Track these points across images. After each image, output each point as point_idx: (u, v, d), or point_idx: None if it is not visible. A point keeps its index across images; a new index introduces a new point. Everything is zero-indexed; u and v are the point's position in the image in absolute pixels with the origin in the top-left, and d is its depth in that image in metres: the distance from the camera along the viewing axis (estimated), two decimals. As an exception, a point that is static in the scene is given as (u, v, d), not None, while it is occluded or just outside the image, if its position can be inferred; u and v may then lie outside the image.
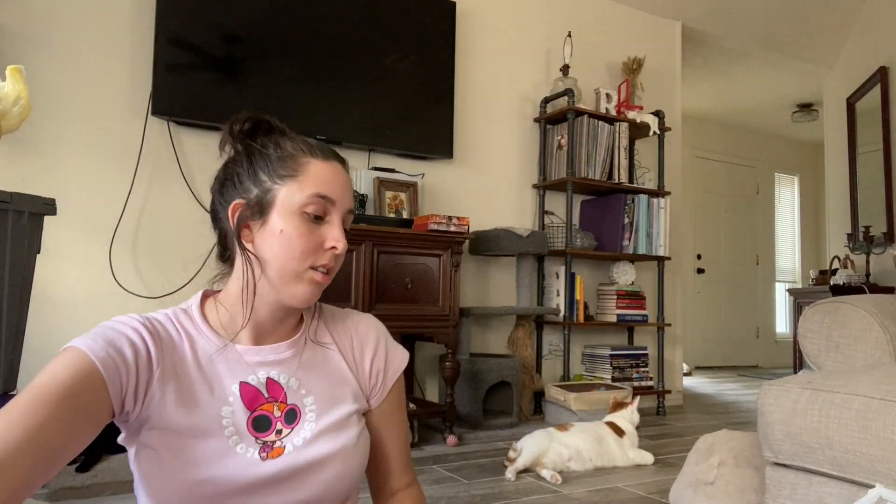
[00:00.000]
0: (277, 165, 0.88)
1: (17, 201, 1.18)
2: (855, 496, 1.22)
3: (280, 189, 0.86)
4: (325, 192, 0.87)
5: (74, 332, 2.53)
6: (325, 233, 0.88)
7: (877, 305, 1.57)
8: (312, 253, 0.87)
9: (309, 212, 0.86)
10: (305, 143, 0.90)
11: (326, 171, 0.89)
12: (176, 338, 0.87)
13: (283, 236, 0.85)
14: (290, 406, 0.89)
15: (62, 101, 2.57)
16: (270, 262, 0.87)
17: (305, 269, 0.87)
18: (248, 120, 0.91)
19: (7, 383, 1.22)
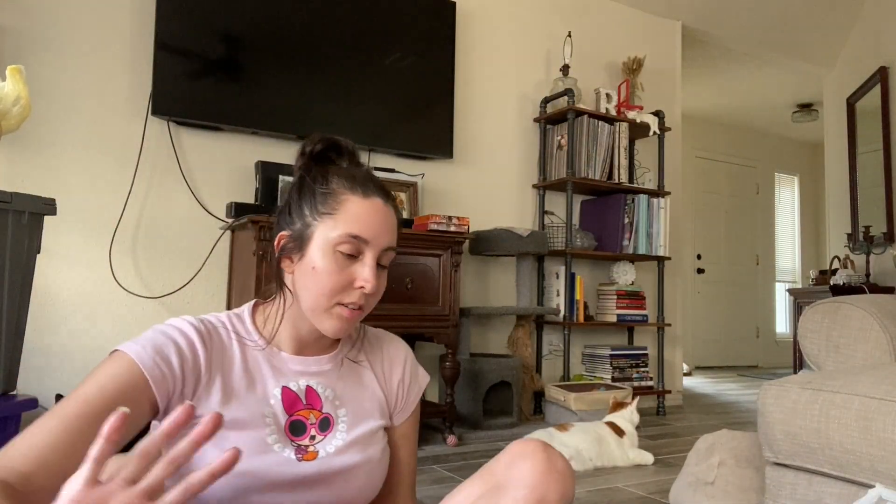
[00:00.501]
0: (319, 201, 0.90)
1: (17, 201, 1.18)
2: (855, 496, 1.22)
3: (319, 225, 0.89)
4: (358, 232, 0.89)
5: (74, 332, 2.53)
6: (356, 271, 0.90)
7: (877, 305, 1.57)
8: (341, 290, 0.89)
9: (342, 250, 0.88)
10: (351, 178, 0.92)
11: (364, 209, 0.90)
12: (226, 339, 0.92)
13: (315, 273, 0.88)
14: (325, 415, 0.94)
15: (62, 101, 2.57)
16: (303, 294, 0.90)
17: (333, 305, 0.89)
18: (320, 141, 0.95)
19: (7, 383, 1.22)
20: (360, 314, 0.91)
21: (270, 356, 0.94)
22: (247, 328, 0.94)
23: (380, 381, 1.02)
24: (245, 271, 2.53)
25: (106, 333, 2.59)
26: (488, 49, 3.58)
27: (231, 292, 2.75)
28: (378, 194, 0.92)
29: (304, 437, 0.91)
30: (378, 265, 0.91)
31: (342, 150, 0.97)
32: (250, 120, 2.80)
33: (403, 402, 1.04)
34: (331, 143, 0.96)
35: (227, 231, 2.78)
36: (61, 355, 2.51)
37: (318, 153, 0.96)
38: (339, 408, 0.96)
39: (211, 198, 2.80)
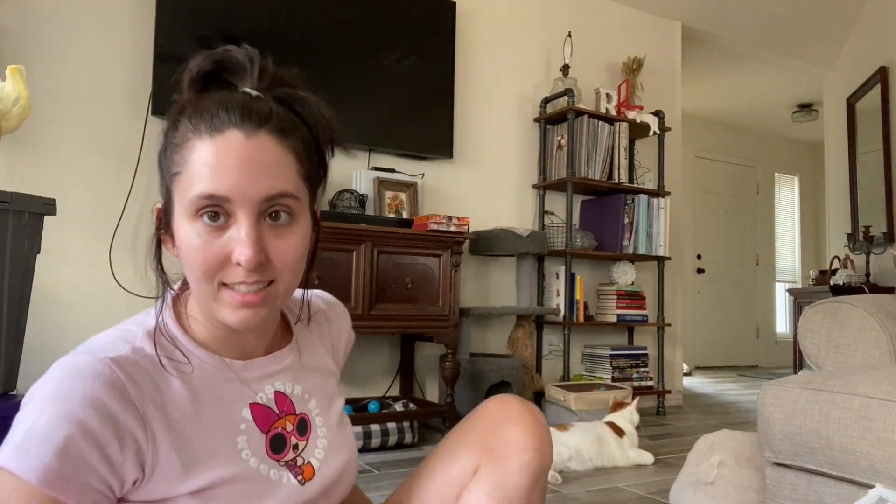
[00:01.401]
0: (169, 159, 0.69)
1: (17, 201, 1.18)
2: (855, 496, 1.22)
3: (174, 193, 0.68)
4: (209, 188, 0.64)
5: (74, 332, 2.53)
6: (229, 241, 0.65)
7: (877, 305, 1.58)
8: (218, 268, 0.66)
9: (202, 216, 0.65)
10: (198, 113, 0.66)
11: (213, 153, 0.64)
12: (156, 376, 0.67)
13: (182, 251, 0.68)
14: (300, 416, 0.79)
15: (62, 101, 2.57)
16: (190, 282, 0.69)
17: (217, 290, 0.67)
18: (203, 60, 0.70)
19: (7, 383, 1.22)
20: (261, 297, 0.67)
21: (220, 370, 0.72)
22: (179, 342, 0.71)
23: (329, 352, 0.89)
24: (245, 271, 2.52)
25: (106, 333, 2.59)
26: (488, 49, 3.58)
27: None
28: (234, 124, 0.65)
29: (286, 451, 0.76)
30: (268, 222, 0.67)
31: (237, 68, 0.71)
32: (250, 120, 2.80)
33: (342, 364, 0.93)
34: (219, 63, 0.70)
35: (227, 231, 2.78)
36: (61, 355, 2.50)
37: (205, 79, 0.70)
38: (308, 401, 0.81)
39: (211, 198, 2.80)
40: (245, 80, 0.71)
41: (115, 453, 0.61)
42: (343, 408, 0.87)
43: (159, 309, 0.74)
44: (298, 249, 0.69)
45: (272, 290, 0.68)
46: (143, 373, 0.66)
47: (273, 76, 0.74)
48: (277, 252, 0.67)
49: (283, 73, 0.76)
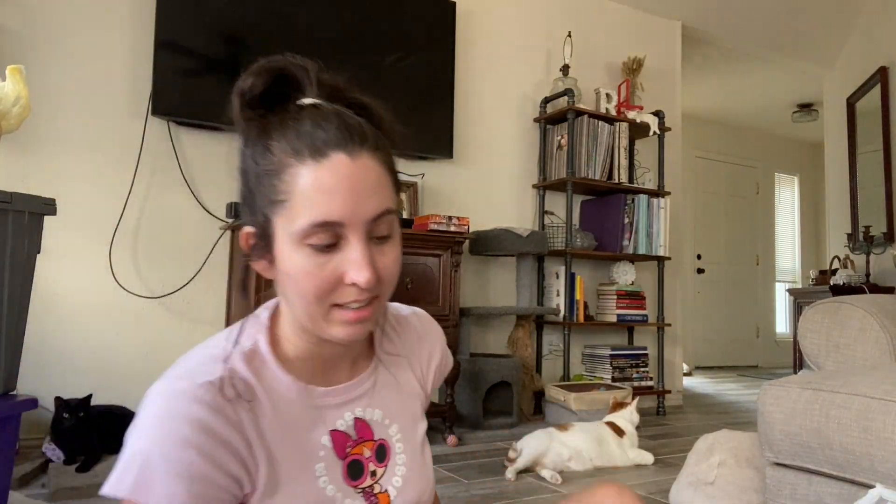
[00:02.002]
0: (266, 186, 0.66)
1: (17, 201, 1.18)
2: (855, 496, 1.22)
3: (277, 220, 0.66)
4: (324, 216, 0.63)
5: (74, 332, 2.53)
6: (341, 263, 0.65)
7: (877, 305, 1.58)
8: (331, 291, 0.66)
9: (313, 244, 0.64)
10: (293, 133, 0.65)
11: (322, 179, 0.63)
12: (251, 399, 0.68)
13: (290, 279, 0.66)
14: (379, 442, 0.77)
15: (62, 101, 2.57)
16: (292, 305, 0.69)
17: (329, 310, 0.67)
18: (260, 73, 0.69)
19: (7, 383, 1.22)
20: (371, 311, 0.68)
21: (302, 396, 0.72)
22: (270, 369, 0.70)
23: (416, 374, 0.85)
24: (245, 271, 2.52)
25: (106, 333, 2.59)
26: (488, 49, 3.58)
27: (231, 292, 2.75)
28: (338, 147, 0.64)
29: (363, 477, 0.75)
30: (374, 239, 0.67)
31: (300, 82, 0.69)
32: (250, 120, 2.80)
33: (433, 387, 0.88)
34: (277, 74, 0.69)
35: (227, 231, 2.78)
36: (61, 355, 2.51)
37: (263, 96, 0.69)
38: (389, 427, 0.79)
39: (211, 198, 2.80)
40: (305, 90, 0.70)
41: (232, 467, 0.64)
42: (424, 433, 0.85)
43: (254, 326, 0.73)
44: (399, 263, 0.70)
45: (377, 305, 0.69)
46: (238, 395, 0.67)
47: (332, 86, 0.72)
48: (383, 268, 0.67)
49: (339, 82, 0.74)
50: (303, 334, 0.71)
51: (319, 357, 0.73)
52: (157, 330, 2.68)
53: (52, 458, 2.18)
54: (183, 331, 2.72)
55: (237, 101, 0.69)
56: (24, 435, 2.34)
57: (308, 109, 0.67)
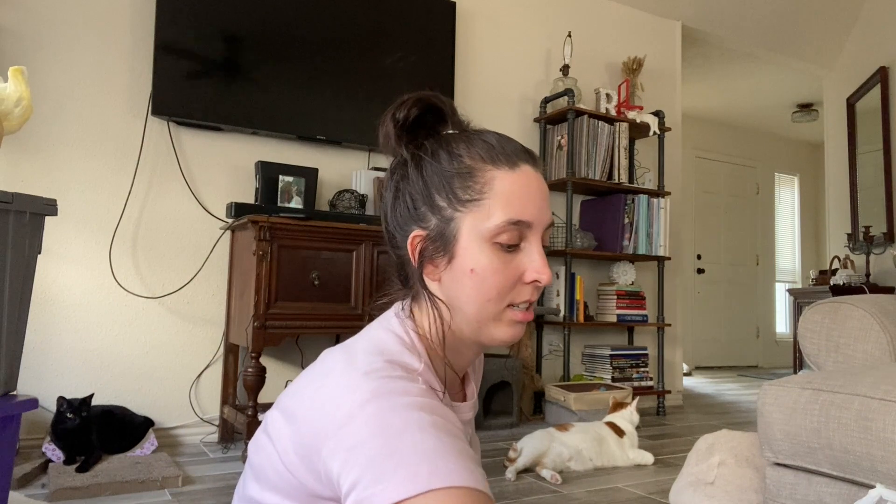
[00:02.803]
0: (457, 186, 0.71)
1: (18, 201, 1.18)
2: (855, 496, 1.22)
3: (464, 217, 0.70)
4: (519, 215, 0.70)
5: (74, 333, 2.53)
6: (522, 262, 0.71)
7: (877, 305, 1.58)
8: (511, 289, 0.71)
9: (502, 241, 0.70)
10: (487, 146, 0.72)
11: (518, 183, 0.70)
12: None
13: (474, 276, 0.70)
14: None
15: (62, 102, 2.57)
16: (464, 305, 0.71)
17: (503, 309, 0.71)
18: (414, 106, 0.74)
19: (8, 384, 1.22)
20: (533, 314, 0.74)
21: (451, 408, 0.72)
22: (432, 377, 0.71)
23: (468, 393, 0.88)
24: (245, 271, 2.53)
25: (106, 333, 2.60)
26: (488, 49, 3.58)
27: (231, 292, 2.75)
28: (525, 160, 0.72)
29: None
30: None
31: (443, 114, 0.76)
32: (250, 120, 2.80)
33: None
34: (428, 105, 0.74)
35: (227, 231, 2.78)
36: (61, 355, 2.51)
37: (414, 121, 0.74)
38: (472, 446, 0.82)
39: (211, 198, 2.81)
40: (447, 123, 0.77)
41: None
42: None
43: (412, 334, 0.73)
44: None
45: (533, 311, 0.75)
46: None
47: (464, 123, 0.78)
48: (550, 276, 0.73)
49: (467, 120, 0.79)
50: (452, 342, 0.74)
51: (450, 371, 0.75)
52: (157, 330, 2.68)
53: (52, 458, 2.18)
54: (183, 331, 2.73)
55: (392, 126, 0.74)
56: (24, 435, 2.34)
57: (484, 130, 0.75)
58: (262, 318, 2.36)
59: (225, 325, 2.77)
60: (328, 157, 3.05)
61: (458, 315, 0.72)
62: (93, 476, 2.02)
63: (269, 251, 2.39)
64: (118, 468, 2.12)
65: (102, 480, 1.98)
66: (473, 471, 0.58)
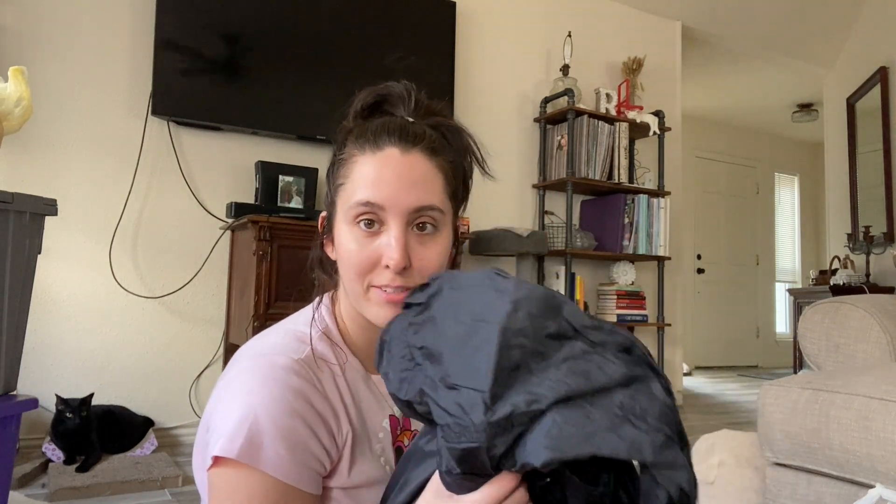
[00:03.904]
0: (336, 171, 0.78)
1: (18, 201, 1.18)
2: (855, 496, 1.22)
3: (338, 199, 0.76)
4: (368, 196, 0.72)
5: (74, 332, 2.53)
6: (380, 245, 0.73)
7: (877, 305, 1.58)
8: (369, 270, 0.73)
9: (360, 221, 0.73)
10: (363, 134, 0.76)
11: (374, 167, 0.73)
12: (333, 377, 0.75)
13: (341, 253, 0.75)
14: (414, 432, 0.83)
15: (62, 102, 2.57)
16: (343, 281, 0.77)
17: (367, 289, 0.74)
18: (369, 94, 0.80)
19: (7, 383, 1.22)
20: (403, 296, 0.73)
21: (365, 379, 0.79)
22: (342, 350, 0.77)
23: None
24: (245, 271, 2.53)
25: (106, 333, 2.59)
26: (488, 49, 3.58)
27: (231, 292, 2.75)
28: (393, 142, 0.73)
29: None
30: (416, 231, 0.73)
31: (395, 100, 0.80)
32: (250, 120, 2.80)
33: None
34: (381, 95, 0.80)
35: (227, 231, 2.78)
36: (61, 355, 2.51)
37: (368, 109, 0.80)
38: None
39: (211, 198, 2.80)
40: (402, 109, 0.80)
41: (324, 439, 0.69)
42: None
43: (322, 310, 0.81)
44: (439, 259, 0.75)
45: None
46: (323, 372, 0.74)
47: (426, 106, 0.81)
48: (420, 259, 0.73)
49: (433, 104, 0.83)
50: (357, 318, 0.78)
51: (370, 342, 0.78)
52: (157, 330, 2.68)
53: (52, 458, 2.18)
54: (183, 331, 2.72)
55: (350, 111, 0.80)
56: (24, 435, 2.34)
57: (386, 117, 0.78)
58: (262, 318, 2.35)
59: (225, 325, 2.77)
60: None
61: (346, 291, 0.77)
62: (93, 476, 2.02)
63: (269, 251, 2.39)
64: (118, 468, 2.12)
65: (102, 480, 1.98)
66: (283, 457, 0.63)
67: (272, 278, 2.39)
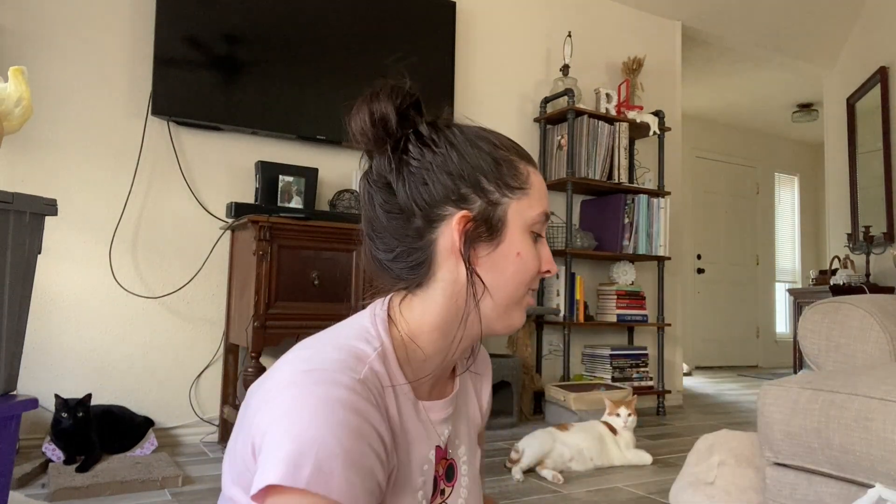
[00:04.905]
0: (505, 173, 0.73)
1: (18, 201, 1.18)
2: (855, 496, 1.22)
3: (511, 205, 0.73)
4: (547, 208, 0.77)
5: (74, 332, 2.53)
6: (541, 252, 0.76)
7: (877, 305, 1.58)
8: (536, 275, 0.76)
9: (535, 230, 0.75)
10: (509, 144, 0.76)
11: (540, 181, 0.77)
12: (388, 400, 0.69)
13: (519, 259, 0.73)
14: (450, 461, 0.79)
15: (62, 102, 2.57)
16: (501, 288, 0.73)
17: (526, 294, 0.76)
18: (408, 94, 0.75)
19: (7, 383, 1.22)
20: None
21: (415, 406, 0.73)
22: (395, 373, 0.71)
23: (476, 400, 0.88)
24: (245, 271, 2.53)
25: (106, 333, 2.59)
26: (488, 49, 3.58)
27: (231, 292, 2.75)
28: (533, 162, 0.79)
29: (436, 494, 0.76)
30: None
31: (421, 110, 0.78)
32: (250, 120, 2.80)
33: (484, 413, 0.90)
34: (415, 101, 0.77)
35: (227, 231, 2.78)
36: (61, 355, 2.51)
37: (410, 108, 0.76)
38: (458, 447, 0.81)
39: (211, 198, 2.81)
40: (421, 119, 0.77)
41: (385, 464, 0.64)
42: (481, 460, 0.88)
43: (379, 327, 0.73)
44: None
45: None
46: (379, 394, 0.67)
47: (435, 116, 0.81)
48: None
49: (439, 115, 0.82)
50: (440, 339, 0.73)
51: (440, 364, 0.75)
52: (157, 330, 2.68)
53: (52, 458, 2.18)
54: (183, 331, 2.73)
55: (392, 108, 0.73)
56: (24, 435, 2.34)
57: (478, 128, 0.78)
58: (262, 318, 2.36)
59: (225, 325, 2.77)
60: (328, 157, 3.05)
61: (487, 302, 0.73)
62: (93, 476, 2.02)
63: (269, 251, 2.39)
64: (118, 468, 2.12)
65: (102, 480, 1.98)
66: (355, 485, 0.58)
67: (272, 278, 2.39)
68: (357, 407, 0.61)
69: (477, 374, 0.89)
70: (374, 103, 0.73)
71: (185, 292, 2.73)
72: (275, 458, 0.57)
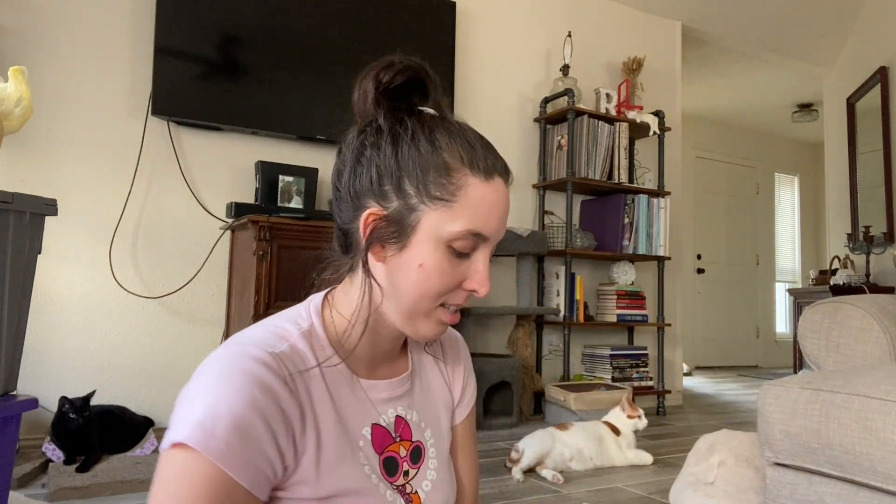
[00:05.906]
0: (431, 178, 0.68)
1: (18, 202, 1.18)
2: (855, 496, 1.22)
3: (428, 212, 0.69)
4: (481, 228, 0.69)
5: (74, 332, 2.53)
6: (467, 270, 0.72)
7: (877, 305, 1.58)
8: (449, 291, 0.71)
9: (456, 247, 0.69)
10: (468, 147, 0.70)
11: (488, 196, 0.70)
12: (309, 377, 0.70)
13: (421, 271, 0.69)
14: (415, 444, 0.80)
15: (62, 102, 2.57)
16: (401, 295, 0.71)
17: (436, 308, 0.72)
18: (401, 73, 0.73)
19: (7, 383, 1.22)
20: (458, 317, 0.75)
21: (351, 384, 0.74)
22: (322, 345, 0.73)
23: (445, 378, 0.89)
24: (245, 271, 2.53)
25: (106, 333, 2.60)
26: (488, 49, 3.58)
27: (231, 292, 2.75)
28: (500, 172, 0.71)
29: (397, 475, 0.77)
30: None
31: (428, 92, 0.75)
32: (250, 120, 2.80)
33: (460, 399, 0.90)
34: (415, 76, 0.73)
35: (227, 231, 2.78)
36: (61, 355, 2.51)
37: (396, 88, 0.73)
38: (424, 430, 0.82)
39: (211, 198, 2.81)
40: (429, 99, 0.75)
41: (282, 440, 0.64)
42: (450, 437, 0.88)
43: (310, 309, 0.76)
44: None
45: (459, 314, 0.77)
46: (298, 370, 0.69)
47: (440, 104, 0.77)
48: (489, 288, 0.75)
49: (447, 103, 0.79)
50: (361, 326, 0.74)
51: (370, 350, 0.76)
52: (157, 330, 2.68)
53: (52, 458, 2.18)
54: (183, 331, 2.73)
55: (372, 86, 0.73)
56: (24, 435, 2.34)
57: (464, 126, 0.74)
58: (261, 318, 2.35)
59: (225, 325, 2.77)
60: (328, 157, 3.05)
61: (390, 302, 0.72)
62: (93, 476, 2.02)
63: (269, 251, 2.39)
64: (118, 468, 2.12)
65: (102, 480, 1.98)
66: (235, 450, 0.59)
67: (272, 278, 2.39)
68: (260, 379, 0.63)
69: (442, 361, 0.90)
70: (362, 79, 0.75)
71: (185, 292, 2.73)
72: (174, 418, 0.62)
